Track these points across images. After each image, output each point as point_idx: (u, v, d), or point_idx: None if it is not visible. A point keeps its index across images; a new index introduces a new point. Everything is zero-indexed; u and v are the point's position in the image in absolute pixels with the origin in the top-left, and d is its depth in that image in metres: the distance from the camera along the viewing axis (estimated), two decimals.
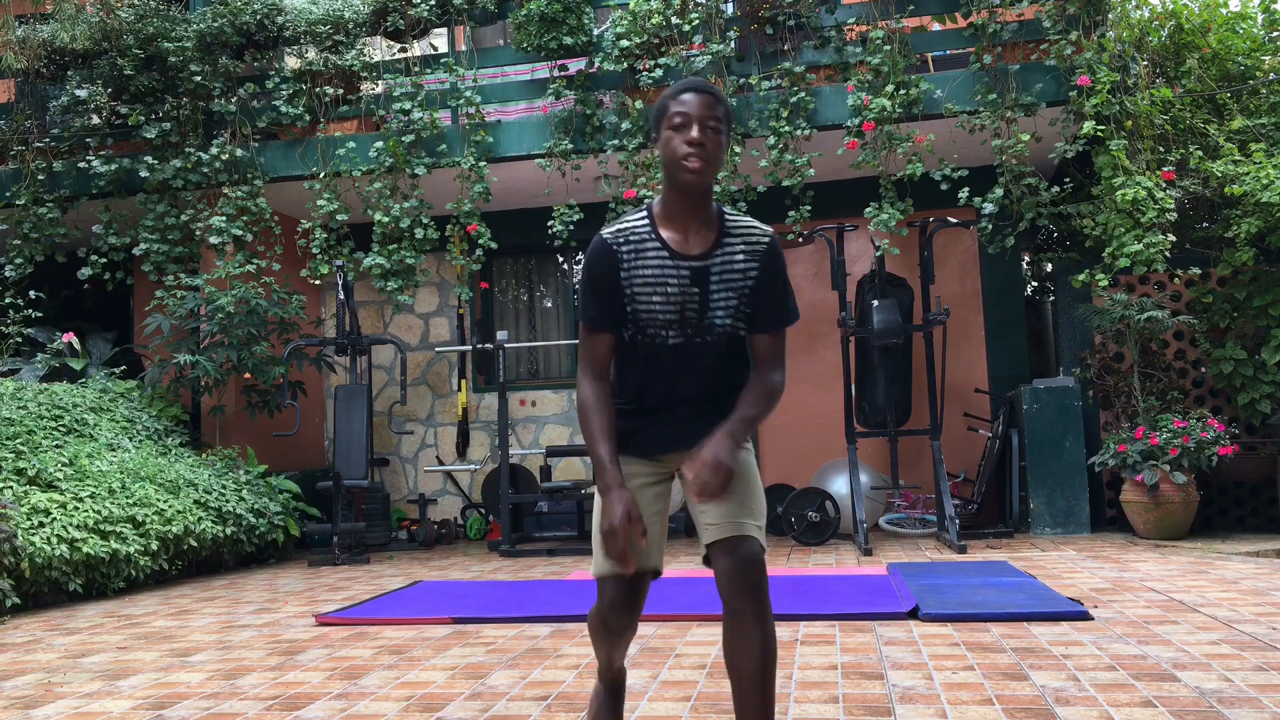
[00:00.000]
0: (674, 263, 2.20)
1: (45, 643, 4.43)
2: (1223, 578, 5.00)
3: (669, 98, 2.17)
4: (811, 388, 8.56)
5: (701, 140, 2.10)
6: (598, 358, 2.24)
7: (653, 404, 2.28)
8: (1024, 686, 3.10)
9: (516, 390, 8.96)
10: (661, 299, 2.20)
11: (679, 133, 2.12)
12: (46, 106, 8.43)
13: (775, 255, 2.25)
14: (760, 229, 2.26)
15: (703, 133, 2.11)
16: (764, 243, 2.24)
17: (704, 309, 2.21)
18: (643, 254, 2.20)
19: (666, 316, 2.20)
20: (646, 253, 2.20)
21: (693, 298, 2.20)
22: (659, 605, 4.58)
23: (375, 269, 7.58)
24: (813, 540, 6.95)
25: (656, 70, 7.33)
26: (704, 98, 2.13)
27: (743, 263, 2.22)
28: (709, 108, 2.12)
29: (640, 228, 2.22)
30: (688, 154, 2.10)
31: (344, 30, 7.88)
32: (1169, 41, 7.13)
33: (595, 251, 2.23)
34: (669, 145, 2.14)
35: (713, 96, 2.14)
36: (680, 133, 2.12)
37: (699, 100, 2.13)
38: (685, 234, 2.21)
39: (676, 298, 2.20)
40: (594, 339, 2.23)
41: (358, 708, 3.15)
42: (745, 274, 2.22)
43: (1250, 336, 6.79)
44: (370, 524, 7.88)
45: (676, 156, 2.12)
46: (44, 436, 6.31)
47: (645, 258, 2.20)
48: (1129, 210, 6.51)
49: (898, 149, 6.96)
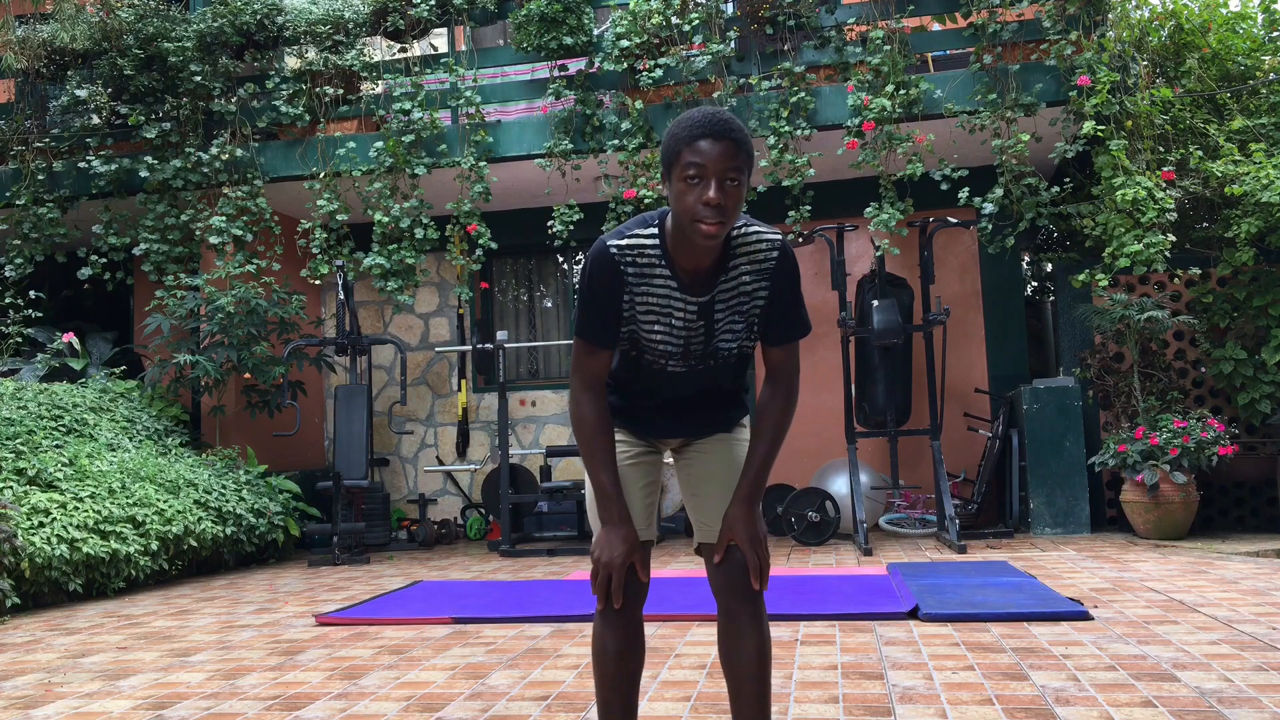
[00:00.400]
0: (682, 296, 2.02)
1: (45, 643, 4.43)
2: (1223, 578, 4.99)
3: (683, 140, 1.90)
4: (811, 388, 8.56)
5: (720, 201, 1.86)
6: (594, 374, 2.08)
7: (649, 400, 2.19)
8: (1024, 686, 3.10)
9: (516, 390, 8.96)
10: (664, 330, 2.04)
11: (693, 188, 1.88)
12: (46, 106, 8.43)
13: (784, 269, 2.04)
14: (767, 240, 2.03)
15: (720, 191, 1.86)
16: (772, 258, 2.03)
17: (709, 338, 2.06)
18: (650, 279, 2.01)
19: (668, 348, 2.06)
20: (654, 278, 2.01)
21: (698, 331, 2.05)
22: (659, 605, 4.58)
23: (375, 269, 7.58)
24: (813, 540, 6.95)
25: (656, 70, 7.33)
26: (723, 146, 1.87)
27: (750, 284, 2.04)
28: (729, 158, 1.87)
29: (650, 249, 2.00)
30: (705, 216, 1.87)
31: (344, 30, 7.88)
32: (1169, 41, 7.13)
33: (598, 264, 2.01)
34: (682, 199, 1.89)
35: (733, 144, 1.88)
36: (695, 188, 1.88)
37: (718, 151, 1.87)
38: (696, 265, 2.00)
39: (681, 332, 2.04)
40: (591, 354, 2.06)
41: (358, 708, 3.15)
42: (753, 295, 2.05)
43: (1250, 336, 6.79)
44: (370, 524, 7.88)
45: (691, 215, 1.89)
46: (44, 436, 6.31)
47: (652, 284, 2.01)
48: (1129, 210, 6.51)
49: (898, 149, 6.96)
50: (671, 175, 1.92)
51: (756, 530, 2.07)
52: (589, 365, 2.07)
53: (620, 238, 2.02)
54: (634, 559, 2.07)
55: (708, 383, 2.16)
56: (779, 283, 2.05)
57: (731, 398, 2.22)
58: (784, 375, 2.13)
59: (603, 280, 2.01)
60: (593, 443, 2.07)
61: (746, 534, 2.06)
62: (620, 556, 2.04)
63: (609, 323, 2.04)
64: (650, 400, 2.19)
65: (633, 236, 2.01)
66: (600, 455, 2.07)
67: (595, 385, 2.08)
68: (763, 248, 2.03)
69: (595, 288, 2.02)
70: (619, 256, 2.00)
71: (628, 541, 2.05)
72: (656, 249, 2.00)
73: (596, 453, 2.07)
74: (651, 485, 2.21)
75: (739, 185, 1.89)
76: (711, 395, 2.19)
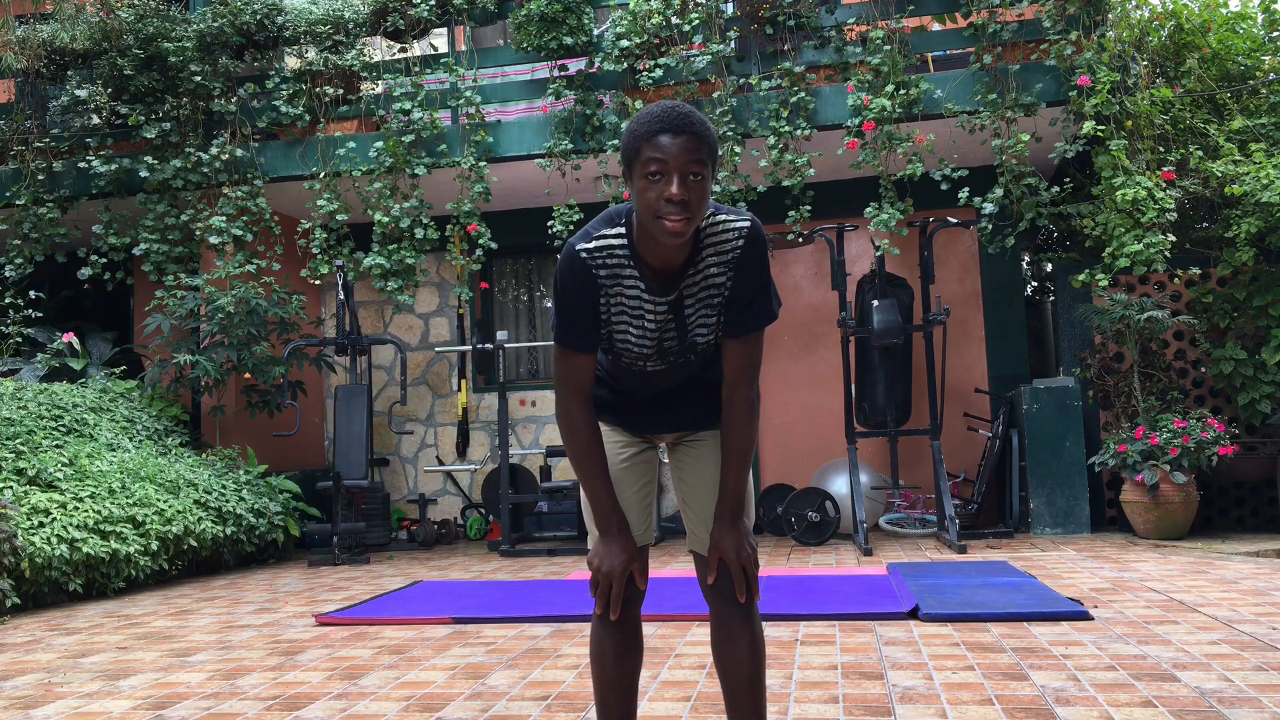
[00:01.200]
0: (651, 298, 1.97)
1: (45, 643, 4.43)
2: (1223, 578, 4.99)
3: (641, 137, 1.85)
4: (811, 388, 8.56)
5: (683, 197, 1.81)
6: (581, 381, 2.03)
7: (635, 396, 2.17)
8: (1024, 686, 3.10)
9: (516, 390, 8.96)
10: (638, 332, 2.01)
11: (655, 184, 1.83)
12: (46, 106, 8.43)
13: (750, 257, 1.96)
14: (733, 227, 1.95)
15: (683, 186, 1.81)
16: (737, 247, 1.95)
17: (683, 335, 2.02)
18: (620, 280, 1.97)
19: (643, 349, 2.03)
20: (624, 280, 1.96)
21: (670, 331, 2.01)
22: (659, 605, 4.58)
23: (375, 269, 7.58)
24: (813, 540, 6.95)
25: (656, 70, 7.33)
26: (683, 140, 1.82)
27: (718, 275, 1.97)
28: (690, 151, 1.82)
29: (619, 248, 1.95)
30: (668, 213, 1.82)
31: (344, 30, 7.88)
32: (1169, 41, 7.13)
33: (569, 268, 1.96)
34: (644, 197, 1.84)
35: (694, 137, 1.82)
36: (656, 184, 1.83)
37: (679, 145, 1.82)
38: (665, 263, 1.94)
39: (654, 332, 2.01)
40: (574, 361, 2.01)
41: (358, 708, 3.15)
42: (721, 288, 1.99)
43: (1250, 336, 6.79)
44: (370, 524, 7.88)
45: (654, 212, 1.84)
46: (44, 436, 6.31)
47: (623, 285, 1.97)
48: (1129, 210, 6.51)
49: (898, 149, 6.96)
50: (633, 173, 1.88)
51: (744, 549, 2.05)
52: (574, 373, 2.02)
53: (588, 239, 1.96)
54: (633, 567, 2.06)
55: (692, 375, 2.14)
56: (744, 269, 1.97)
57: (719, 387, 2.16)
58: (743, 376, 2.02)
59: (576, 285, 1.96)
60: (586, 455, 2.04)
61: (734, 554, 2.04)
62: (620, 566, 2.03)
63: (588, 326, 1.99)
64: (636, 396, 2.16)
65: (600, 238, 1.96)
66: (594, 467, 2.04)
67: (583, 392, 2.04)
68: (729, 237, 1.95)
69: (569, 293, 1.97)
70: (589, 260, 1.95)
71: (626, 551, 2.04)
72: (625, 248, 1.95)
73: (590, 464, 2.04)
74: (647, 486, 2.19)
75: (702, 180, 1.84)
76: (698, 385, 2.16)
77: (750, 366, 2.02)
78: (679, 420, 2.17)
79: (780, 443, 8.56)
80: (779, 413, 8.60)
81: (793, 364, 8.63)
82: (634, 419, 2.18)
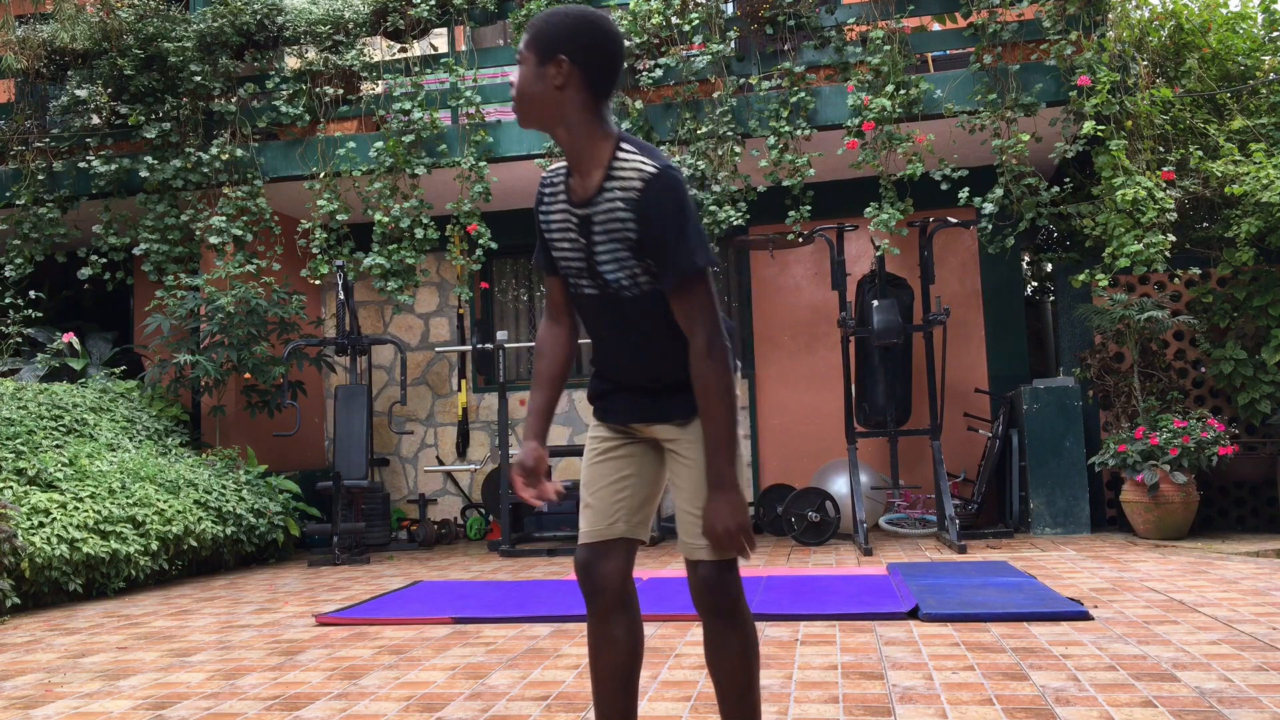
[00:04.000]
0: (567, 210, 2.09)
1: (45, 643, 4.43)
2: (1223, 578, 5.00)
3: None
4: (811, 388, 8.56)
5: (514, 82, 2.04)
6: (552, 300, 2.22)
7: (609, 371, 2.19)
8: (1024, 686, 3.10)
9: (516, 390, 8.96)
10: (569, 245, 2.10)
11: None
12: (46, 106, 8.43)
13: (651, 202, 1.94)
14: (640, 170, 1.96)
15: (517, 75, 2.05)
16: (636, 188, 1.95)
17: (591, 261, 2.06)
18: (555, 198, 2.12)
19: (573, 265, 2.11)
20: (558, 196, 2.11)
21: (580, 249, 2.08)
22: (659, 605, 4.58)
23: (375, 269, 7.58)
24: (813, 540, 6.95)
25: (656, 70, 7.33)
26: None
27: (622, 212, 1.98)
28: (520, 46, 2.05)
29: (562, 169, 2.12)
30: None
31: (344, 30, 7.88)
32: (1169, 41, 7.14)
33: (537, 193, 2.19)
34: None
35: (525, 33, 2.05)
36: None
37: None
38: (581, 177, 2.04)
39: (575, 246, 2.09)
40: (546, 282, 2.23)
41: (358, 708, 3.15)
42: (625, 225, 1.99)
43: (1250, 336, 6.80)
44: (370, 524, 7.88)
45: None
46: (44, 436, 6.31)
47: (556, 201, 2.12)
48: (1129, 210, 6.51)
49: (898, 149, 6.96)
50: None
51: (728, 520, 1.98)
52: (549, 291, 2.23)
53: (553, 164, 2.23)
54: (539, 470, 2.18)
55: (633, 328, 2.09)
56: (647, 214, 1.95)
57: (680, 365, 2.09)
58: (689, 325, 2.00)
59: (537, 205, 2.17)
60: (537, 361, 2.24)
61: (714, 525, 2.00)
62: (516, 463, 2.18)
63: (543, 245, 2.18)
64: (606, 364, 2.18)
65: (559, 163, 2.16)
66: (539, 376, 2.22)
67: (553, 312, 2.23)
68: (634, 176, 1.96)
69: (537, 215, 2.17)
70: (544, 181, 2.16)
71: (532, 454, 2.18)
72: (565, 169, 2.12)
73: (537, 372, 2.23)
74: (621, 481, 2.17)
75: (524, 65, 2.00)
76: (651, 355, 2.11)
77: (691, 319, 1.99)
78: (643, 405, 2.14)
79: (780, 443, 8.56)
80: (779, 413, 8.60)
81: (792, 364, 8.63)
82: (616, 406, 2.18)
